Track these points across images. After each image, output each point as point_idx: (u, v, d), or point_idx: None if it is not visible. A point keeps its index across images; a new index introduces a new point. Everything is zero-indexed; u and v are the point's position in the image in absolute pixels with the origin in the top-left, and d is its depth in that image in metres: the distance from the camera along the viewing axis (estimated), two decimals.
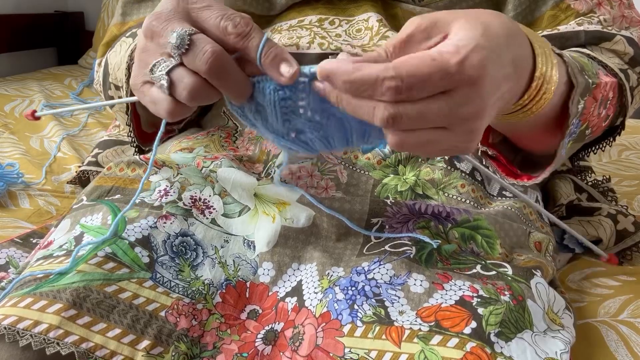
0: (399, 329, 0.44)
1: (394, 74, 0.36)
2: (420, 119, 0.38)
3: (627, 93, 0.63)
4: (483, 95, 0.39)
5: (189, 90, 0.41)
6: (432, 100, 0.37)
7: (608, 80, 0.58)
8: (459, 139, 0.40)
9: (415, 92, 0.37)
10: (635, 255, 0.73)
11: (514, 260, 0.56)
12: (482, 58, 0.38)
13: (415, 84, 0.36)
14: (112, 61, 0.68)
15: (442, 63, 0.37)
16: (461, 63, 0.37)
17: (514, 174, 0.61)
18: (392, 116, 0.37)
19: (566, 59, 0.52)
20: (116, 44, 0.70)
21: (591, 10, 0.67)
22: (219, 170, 0.57)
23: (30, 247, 0.68)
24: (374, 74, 0.36)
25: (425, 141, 0.40)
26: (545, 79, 0.47)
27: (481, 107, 0.39)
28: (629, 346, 0.55)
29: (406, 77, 0.36)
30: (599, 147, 0.71)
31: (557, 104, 0.52)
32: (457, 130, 0.39)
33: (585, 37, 0.64)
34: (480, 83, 0.38)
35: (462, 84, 0.37)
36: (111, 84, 0.68)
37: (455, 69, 0.37)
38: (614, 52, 0.65)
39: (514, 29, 0.44)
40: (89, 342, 0.44)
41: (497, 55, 0.40)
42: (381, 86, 0.36)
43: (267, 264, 0.53)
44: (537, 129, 0.55)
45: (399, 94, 0.36)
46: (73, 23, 2.06)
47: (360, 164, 0.60)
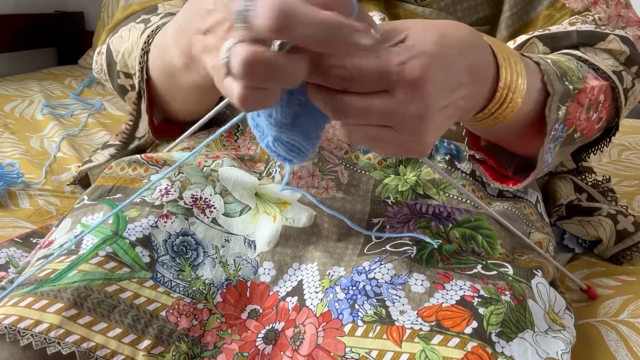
0: (399, 329, 0.44)
1: (340, 63, 0.38)
2: (364, 113, 0.39)
3: (620, 95, 0.63)
4: (425, 99, 0.40)
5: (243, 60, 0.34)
6: (375, 97, 0.39)
7: (596, 84, 0.58)
8: (406, 139, 0.41)
9: (357, 84, 0.38)
10: (635, 255, 0.73)
11: (514, 261, 0.56)
12: (424, 63, 0.39)
13: (356, 75, 0.38)
14: (117, 48, 0.66)
15: (383, 62, 0.39)
16: (401, 64, 0.39)
17: (503, 177, 0.61)
18: (339, 106, 0.39)
19: (542, 66, 0.53)
20: (120, 30, 0.69)
21: (586, 8, 0.67)
22: (220, 170, 0.57)
23: (30, 247, 0.68)
24: (326, 62, 0.38)
25: (373, 137, 0.41)
26: (510, 89, 0.48)
27: (423, 111, 0.40)
28: (629, 346, 0.55)
29: (350, 67, 0.38)
30: (598, 148, 0.71)
31: (534, 111, 0.54)
32: (402, 131, 0.41)
33: (577, 38, 0.64)
34: (421, 86, 0.39)
35: (401, 85, 0.39)
36: (120, 72, 0.67)
37: (395, 69, 0.39)
38: (609, 52, 0.65)
39: (472, 39, 0.46)
40: (89, 341, 0.44)
41: (445, 62, 0.41)
42: (330, 72, 0.38)
43: (267, 263, 0.53)
44: (518, 133, 0.56)
45: (342, 82, 0.38)
46: (73, 23, 2.06)
47: (361, 164, 0.60)
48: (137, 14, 0.70)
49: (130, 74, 0.66)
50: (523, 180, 0.59)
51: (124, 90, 0.68)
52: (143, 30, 0.64)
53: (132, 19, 0.69)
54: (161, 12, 0.67)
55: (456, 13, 0.70)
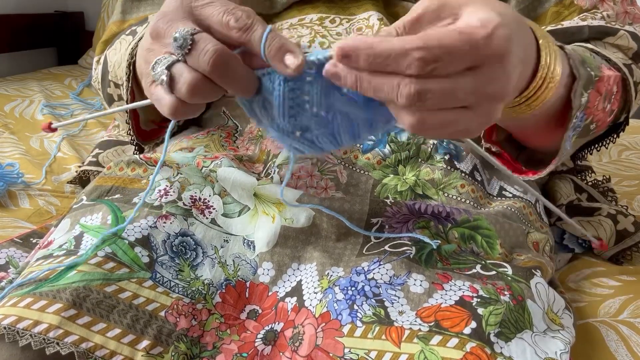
0: (398, 329, 0.44)
1: (421, 44, 0.35)
2: (446, 96, 0.36)
3: (630, 88, 0.62)
4: (509, 73, 0.38)
5: (188, 85, 0.40)
6: (460, 77, 0.36)
7: (611, 74, 0.58)
8: (477, 120, 0.39)
9: (443, 65, 0.35)
10: (635, 255, 0.73)
11: (513, 261, 0.56)
12: (508, 33, 0.36)
13: (442, 56, 0.35)
14: (111, 59, 0.67)
15: (470, 36, 0.35)
16: (489, 37, 0.36)
17: (518, 170, 0.61)
18: (418, 92, 0.35)
19: (567, 51, 0.52)
20: (115, 42, 0.69)
21: (594, 6, 0.67)
22: (219, 170, 0.57)
23: (30, 247, 0.68)
24: (400, 45, 0.35)
25: (447, 121, 0.38)
26: (548, 73, 0.46)
27: (506, 86, 0.38)
28: (629, 346, 0.55)
29: (433, 48, 0.35)
30: (602, 144, 0.71)
31: (561, 97, 0.52)
32: (478, 110, 0.38)
33: (589, 32, 0.64)
34: (507, 59, 0.37)
35: (489, 59, 0.36)
36: (110, 81, 0.67)
37: (484, 42, 0.36)
38: (618, 47, 0.65)
39: (521, 18, 0.43)
40: (88, 342, 0.44)
41: (516, 34, 0.39)
42: (407, 58, 0.35)
43: (266, 264, 0.53)
44: (541, 123, 0.55)
45: (426, 66, 0.35)
46: (73, 23, 2.06)
47: (360, 164, 0.60)
48: (130, 26, 0.70)
49: (118, 84, 0.66)
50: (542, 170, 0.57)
51: (111, 99, 0.69)
52: (130, 42, 0.65)
53: (125, 31, 0.70)
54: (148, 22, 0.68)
55: None
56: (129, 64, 0.61)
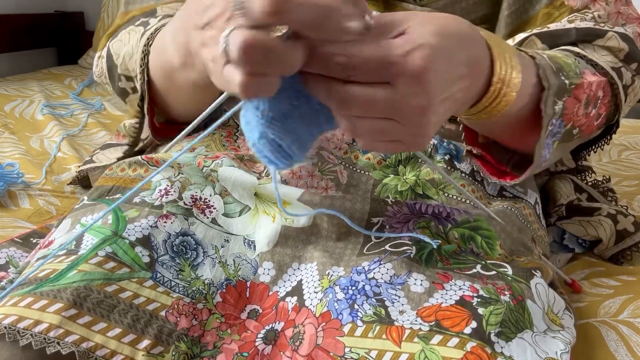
0: (399, 329, 0.44)
1: (342, 50, 0.38)
2: (367, 104, 0.39)
3: (619, 92, 0.63)
4: (428, 91, 0.40)
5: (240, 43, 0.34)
6: (379, 88, 0.39)
7: (594, 80, 0.58)
8: (408, 132, 0.41)
9: (359, 72, 0.38)
10: (635, 255, 0.73)
11: (513, 261, 0.56)
12: (426, 54, 0.39)
13: (358, 64, 0.38)
14: (118, 51, 0.67)
15: (386, 51, 0.38)
16: (404, 56, 0.38)
17: (501, 173, 0.61)
18: (343, 96, 0.39)
19: (537, 60, 0.53)
20: (120, 33, 0.69)
21: (585, 6, 0.67)
22: (220, 170, 0.57)
23: (30, 247, 0.68)
24: (328, 49, 0.38)
25: (376, 129, 0.41)
26: (504, 83, 0.48)
27: (426, 103, 0.40)
28: (629, 346, 0.55)
29: (352, 55, 0.38)
30: (597, 145, 0.71)
31: (530, 105, 0.53)
32: (405, 123, 0.41)
33: (576, 35, 0.64)
34: (423, 78, 0.39)
35: (403, 76, 0.39)
36: (120, 75, 0.67)
37: (397, 60, 0.38)
38: (608, 49, 0.65)
39: (469, 31, 0.45)
40: (89, 341, 0.44)
41: (446, 54, 0.41)
42: (332, 60, 0.38)
43: (267, 263, 0.53)
44: (514, 128, 0.56)
45: (344, 71, 0.38)
46: (73, 23, 2.06)
47: (360, 164, 0.60)
48: (137, 17, 0.70)
49: (131, 77, 0.66)
50: (519, 175, 0.59)
51: (125, 93, 0.68)
52: (142, 32, 0.64)
53: (131, 22, 0.69)
54: (159, 15, 0.68)
55: (455, 12, 0.70)
56: (144, 54, 0.61)
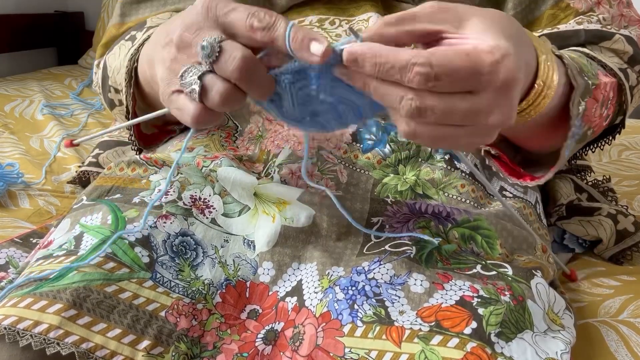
0: (399, 329, 0.44)
1: (424, 60, 0.35)
2: (445, 115, 0.37)
3: (626, 92, 0.63)
4: (512, 103, 0.38)
5: (221, 94, 0.41)
6: (460, 99, 0.37)
7: (608, 81, 0.58)
8: (470, 139, 0.40)
9: (444, 83, 0.36)
10: (635, 255, 0.73)
11: (514, 261, 0.56)
12: (516, 62, 0.37)
13: (444, 74, 0.35)
14: (111, 64, 0.67)
15: (475, 60, 0.36)
16: (495, 64, 0.36)
17: (517, 173, 0.61)
18: (419, 108, 0.36)
19: (565, 60, 0.52)
20: (115, 47, 0.69)
21: (590, 9, 0.67)
22: (219, 170, 0.57)
23: (30, 247, 0.68)
24: (405, 58, 0.36)
25: (440, 136, 0.39)
26: (545, 85, 0.46)
27: (509, 115, 0.38)
28: (629, 346, 0.55)
29: (436, 65, 0.35)
30: (597, 145, 0.71)
31: (557, 106, 0.52)
32: (474, 131, 0.39)
33: (585, 36, 0.64)
34: (511, 89, 0.37)
35: (491, 87, 0.36)
36: (111, 87, 0.67)
37: (488, 69, 0.36)
38: (614, 51, 0.65)
39: (523, 33, 0.44)
40: (89, 342, 0.44)
41: (521, 56, 0.39)
42: (410, 71, 0.36)
43: (267, 263, 0.53)
44: (536, 130, 0.56)
45: (426, 82, 0.35)
46: (73, 23, 2.06)
47: (360, 164, 0.60)
48: (128, 31, 0.70)
49: (118, 90, 0.66)
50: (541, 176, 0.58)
51: (112, 104, 0.69)
52: (129, 48, 0.65)
53: (124, 36, 0.70)
54: (147, 26, 0.68)
55: None
56: (128, 70, 0.61)
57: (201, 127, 0.44)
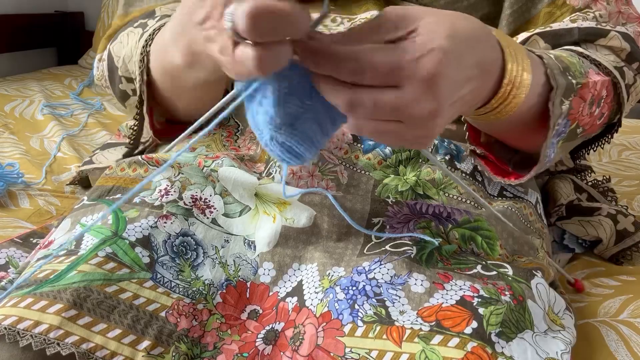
0: (399, 329, 0.44)
1: (353, 55, 0.37)
2: (374, 108, 0.39)
3: (622, 91, 0.63)
4: (437, 97, 0.39)
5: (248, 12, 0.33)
6: (387, 92, 0.39)
7: (598, 79, 0.58)
8: (415, 133, 0.41)
9: (368, 77, 0.38)
10: (635, 255, 0.73)
11: (514, 262, 0.56)
12: (437, 59, 0.38)
13: (367, 69, 0.37)
14: (118, 53, 0.67)
15: (396, 56, 0.38)
16: (414, 61, 0.38)
17: (504, 172, 0.61)
18: (351, 101, 0.38)
19: (545, 60, 0.53)
20: (120, 35, 0.69)
21: (587, 5, 0.67)
22: (220, 170, 0.57)
23: (30, 247, 0.68)
24: (338, 52, 0.38)
25: (382, 131, 0.41)
26: (514, 85, 0.48)
27: (435, 108, 0.40)
28: (629, 346, 0.55)
29: (362, 60, 0.37)
30: (597, 144, 0.71)
31: (537, 105, 0.53)
32: (412, 125, 0.40)
33: (579, 34, 0.64)
34: (434, 83, 0.39)
35: (412, 82, 0.38)
36: (122, 77, 0.67)
37: (407, 65, 0.38)
38: (610, 48, 0.65)
39: (483, 32, 0.45)
40: (89, 342, 0.44)
41: (457, 57, 0.40)
42: (341, 64, 0.38)
43: (267, 264, 0.53)
44: (519, 128, 0.56)
45: (353, 75, 0.38)
46: (73, 23, 2.06)
47: (360, 165, 0.60)
48: (135, 19, 0.70)
49: (131, 79, 0.66)
50: (524, 175, 0.59)
51: (125, 95, 0.68)
52: (141, 34, 0.64)
53: (130, 24, 0.69)
54: (158, 15, 0.68)
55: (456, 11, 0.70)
56: (143, 55, 0.61)
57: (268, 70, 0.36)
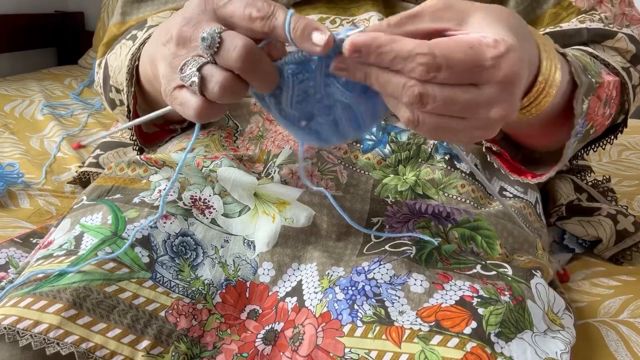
0: (399, 329, 0.44)
1: (427, 50, 0.36)
2: (446, 105, 0.37)
3: (629, 91, 0.63)
4: (514, 98, 0.38)
5: (221, 84, 0.39)
6: (462, 90, 0.37)
7: (611, 79, 0.58)
8: (473, 132, 0.40)
9: (445, 74, 0.36)
10: (635, 255, 0.73)
11: (514, 261, 0.56)
12: (517, 59, 0.37)
13: (446, 66, 0.36)
14: (112, 64, 0.67)
15: (478, 53, 0.36)
16: (497, 58, 0.36)
17: (518, 170, 0.61)
18: (421, 95, 0.37)
19: (569, 58, 0.52)
20: (116, 46, 0.69)
21: (592, 7, 0.67)
22: (219, 170, 0.57)
23: (30, 247, 0.68)
24: (409, 48, 0.36)
25: (443, 127, 0.39)
26: (547, 83, 0.46)
27: (510, 110, 0.38)
28: (629, 346, 0.55)
29: (439, 56, 0.35)
30: (599, 145, 0.71)
31: (559, 104, 0.52)
32: (477, 123, 0.39)
33: (587, 35, 0.64)
34: (513, 84, 0.37)
35: (493, 81, 0.37)
36: (112, 86, 0.67)
37: (491, 63, 0.36)
38: (616, 50, 0.65)
39: (526, 29, 0.44)
40: (88, 342, 0.44)
41: (524, 51, 0.39)
42: (413, 61, 0.36)
43: (267, 263, 0.53)
44: (538, 127, 0.55)
45: (428, 72, 0.36)
46: (73, 23, 2.06)
47: (360, 164, 0.60)
48: (130, 30, 0.70)
49: (119, 90, 0.66)
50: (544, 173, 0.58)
51: (114, 104, 0.69)
52: (130, 47, 0.65)
53: (125, 35, 0.70)
54: (147, 25, 0.68)
55: None
56: (129, 69, 0.61)
57: (204, 121, 0.43)
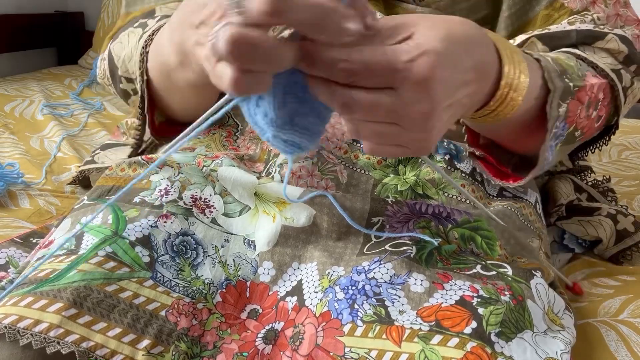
0: (399, 329, 0.44)
1: (346, 57, 0.37)
2: (371, 109, 0.39)
3: (619, 94, 0.63)
4: (432, 98, 0.39)
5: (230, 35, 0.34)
6: (382, 93, 0.39)
7: (596, 82, 0.59)
8: (412, 137, 0.41)
9: (363, 78, 0.38)
10: (635, 255, 0.73)
11: (514, 262, 0.56)
12: (432, 61, 0.39)
13: (362, 70, 0.38)
14: (118, 53, 0.67)
15: (391, 58, 0.38)
16: (409, 62, 0.38)
17: (503, 174, 0.61)
18: (347, 101, 0.39)
19: (543, 63, 0.53)
20: (120, 35, 0.69)
21: (585, 8, 0.67)
22: (220, 170, 0.57)
23: (30, 247, 0.68)
24: (332, 54, 0.38)
25: (379, 133, 0.41)
26: (512, 87, 0.48)
27: (430, 109, 0.40)
28: (629, 346, 0.55)
29: (356, 62, 0.37)
30: (596, 146, 0.71)
31: (535, 108, 0.53)
32: (409, 128, 0.41)
33: (576, 37, 0.64)
34: (428, 85, 0.39)
35: (408, 83, 0.38)
36: (122, 77, 0.67)
37: (402, 66, 0.38)
38: (608, 51, 0.65)
39: (478, 36, 0.45)
40: (89, 341, 0.44)
41: (453, 60, 0.41)
42: (336, 65, 0.38)
43: (267, 263, 0.53)
44: (518, 131, 0.56)
45: (348, 76, 0.38)
46: (73, 23, 2.06)
47: (360, 164, 0.60)
48: (136, 19, 0.70)
49: (131, 79, 0.66)
50: (523, 177, 0.59)
51: (127, 94, 0.69)
52: (141, 34, 0.64)
53: (130, 24, 0.70)
54: (158, 15, 0.68)
55: (455, 13, 0.70)
56: (142, 58, 0.61)
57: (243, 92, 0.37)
